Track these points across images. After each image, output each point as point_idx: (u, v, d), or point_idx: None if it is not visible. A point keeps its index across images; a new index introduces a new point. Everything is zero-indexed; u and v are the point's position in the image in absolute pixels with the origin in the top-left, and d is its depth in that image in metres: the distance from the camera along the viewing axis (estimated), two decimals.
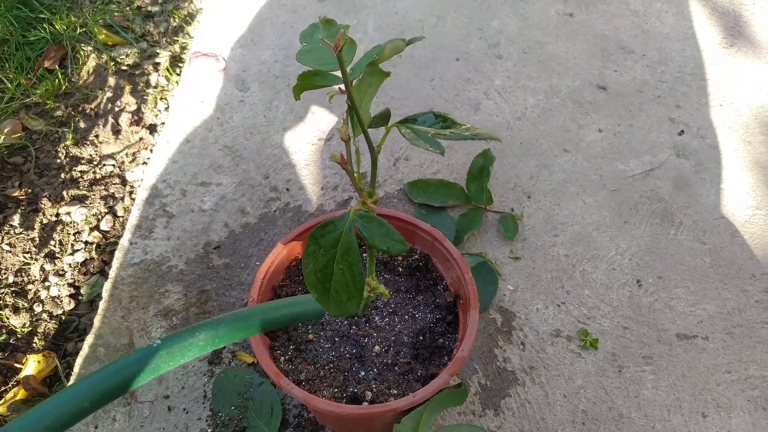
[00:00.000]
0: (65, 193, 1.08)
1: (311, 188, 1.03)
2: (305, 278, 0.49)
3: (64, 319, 0.95)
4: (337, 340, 0.72)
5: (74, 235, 1.03)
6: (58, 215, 1.05)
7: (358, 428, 0.76)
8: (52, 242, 1.02)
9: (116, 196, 1.08)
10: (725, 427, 0.79)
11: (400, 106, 1.15)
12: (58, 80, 1.22)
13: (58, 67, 1.25)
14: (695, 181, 1.05)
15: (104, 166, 1.12)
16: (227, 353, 0.85)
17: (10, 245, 1.01)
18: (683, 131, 1.13)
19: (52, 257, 1.00)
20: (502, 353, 0.85)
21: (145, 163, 1.13)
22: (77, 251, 1.01)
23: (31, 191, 1.08)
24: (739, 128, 1.13)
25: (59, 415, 0.43)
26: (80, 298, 0.97)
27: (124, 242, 0.96)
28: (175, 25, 1.37)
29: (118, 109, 1.20)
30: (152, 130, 1.18)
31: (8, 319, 0.94)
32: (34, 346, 0.92)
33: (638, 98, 1.18)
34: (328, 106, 1.15)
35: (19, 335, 0.93)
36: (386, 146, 1.08)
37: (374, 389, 0.67)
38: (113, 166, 1.13)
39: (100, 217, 1.05)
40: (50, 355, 0.90)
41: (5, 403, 0.85)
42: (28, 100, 1.21)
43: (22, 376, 0.87)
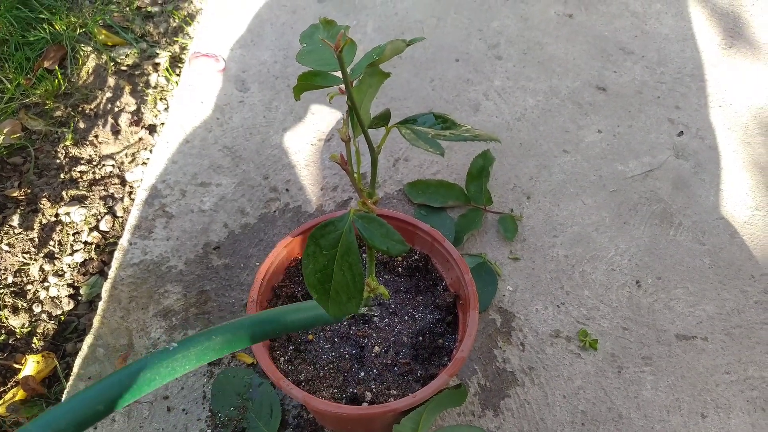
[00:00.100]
0: (65, 193, 1.08)
1: (311, 189, 1.03)
2: (305, 279, 0.49)
3: (63, 319, 0.95)
4: (336, 340, 0.72)
5: (73, 235, 1.03)
6: (57, 215, 1.05)
7: (357, 429, 0.76)
8: (51, 242, 1.02)
9: (116, 196, 1.08)
10: (724, 427, 0.79)
11: (399, 106, 1.15)
12: (57, 80, 1.22)
13: (57, 67, 1.25)
14: (694, 182, 1.05)
15: (104, 166, 1.12)
16: (226, 354, 0.84)
17: (9, 245, 1.01)
18: (682, 132, 1.13)
19: (51, 257, 1.00)
20: (501, 354, 0.85)
21: (144, 163, 1.13)
22: (76, 251, 1.01)
23: (30, 191, 1.08)
24: (738, 129, 1.13)
25: (74, 417, 0.44)
26: (79, 298, 0.97)
27: (123, 242, 0.96)
28: (174, 25, 1.37)
29: (117, 109, 1.20)
30: (152, 130, 1.18)
31: (7, 319, 0.94)
32: (33, 346, 0.92)
33: (638, 99, 1.18)
34: (327, 106, 1.15)
35: (18, 335, 0.93)
36: (386, 147, 1.08)
37: (374, 390, 0.67)
38: (113, 166, 1.13)
39: (99, 217, 1.05)
40: (49, 355, 0.90)
41: (4, 403, 0.85)
42: (27, 100, 1.20)
43: (21, 376, 0.87)
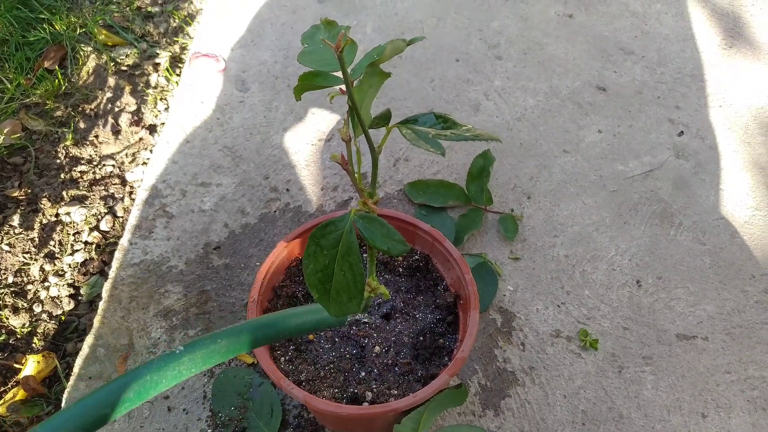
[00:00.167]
0: (65, 193, 1.08)
1: (311, 189, 1.04)
2: (306, 279, 0.49)
3: (63, 319, 0.95)
4: (337, 340, 0.72)
5: (74, 235, 1.03)
6: (57, 215, 1.05)
7: (358, 429, 0.76)
8: (51, 242, 1.02)
9: (116, 196, 1.08)
10: (725, 427, 0.79)
11: (399, 106, 1.15)
12: (57, 80, 1.22)
13: (57, 67, 1.25)
14: (695, 182, 1.05)
15: (104, 166, 1.12)
16: None
17: (9, 245, 1.01)
18: (683, 132, 1.13)
19: (51, 257, 1.00)
20: (502, 354, 0.85)
21: (144, 163, 1.13)
22: (77, 251, 1.01)
23: (30, 191, 1.08)
24: (738, 129, 1.13)
25: (83, 421, 0.44)
26: (80, 298, 0.97)
27: (123, 242, 0.96)
28: (175, 25, 1.37)
29: (117, 109, 1.20)
30: (152, 130, 1.18)
31: (8, 319, 0.94)
32: (33, 346, 0.92)
33: (638, 99, 1.18)
34: (327, 106, 1.15)
35: (18, 335, 0.93)
36: (386, 147, 1.08)
37: (374, 390, 0.67)
38: (113, 166, 1.13)
39: (99, 217, 1.05)
40: (50, 355, 0.90)
41: (5, 403, 0.85)
42: (27, 100, 1.20)
43: (21, 376, 0.87)
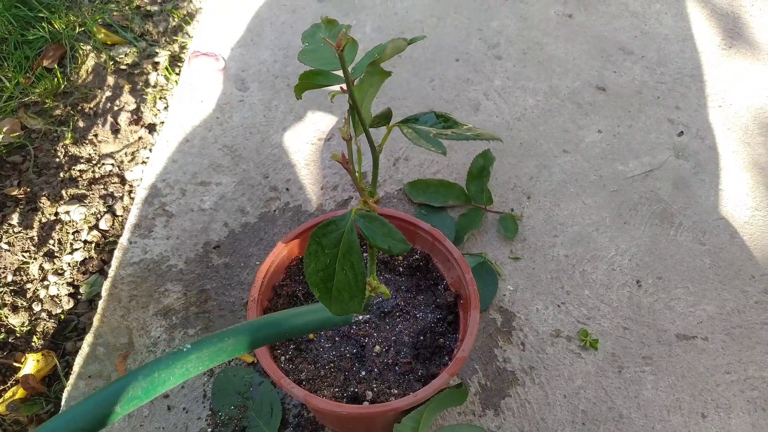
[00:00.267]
0: (64, 192, 1.07)
1: (311, 188, 1.03)
2: (307, 278, 0.49)
3: (63, 318, 0.94)
4: (337, 339, 0.72)
5: (73, 234, 1.03)
6: (57, 214, 1.05)
7: (358, 428, 0.76)
8: (51, 241, 1.02)
9: (115, 195, 1.08)
10: (725, 427, 0.79)
11: (399, 106, 1.15)
12: (57, 79, 1.22)
13: (57, 66, 1.25)
14: (695, 182, 1.05)
15: (103, 165, 1.12)
16: None
17: (8, 244, 1.01)
18: (682, 132, 1.13)
19: (51, 256, 1.00)
20: (502, 353, 0.85)
21: (144, 162, 1.13)
22: (76, 250, 1.01)
23: (30, 190, 1.08)
24: (738, 129, 1.13)
25: (91, 418, 0.45)
26: (79, 297, 0.97)
27: (123, 241, 0.96)
28: (174, 24, 1.37)
29: (117, 108, 1.20)
30: (151, 129, 1.18)
31: (7, 318, 0.93)
32: (33, 345, 0.92)
33: (637, 99, 1.18)
34: (327, 106, 1.15)
35: (18, 334, 0.92)
36: (386, 146, 1.08)
37: (375, 389, 0.67)
38: (112, 165, 1.12)
39: (99, 216, 1.05)
40: (49, 354, 0.89)
41: (4, 402, 0.85)
42: (26, 99, 1.20)
43: (21, 375, 0.87)
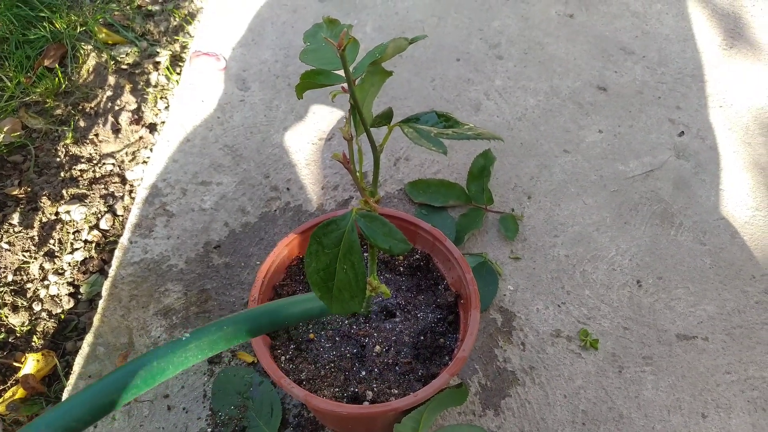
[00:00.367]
0: (65, 191, 1.07)
1: (312, 188, 1.03)
2: (308, 277, 0.49)
3: (63, 317, 0.94)
4: (337, 339, 0.72)
5: (74, 233, 1.03)
6: (57, 214, 1.05)
7: (358, 428, 0.76)
8: (51, 241, 1.02)
9: (116, 194, 1.08)
10: (725, 427, 0.79)
11: (400, 106, 1.15)
12: (57, 79, 1.22)
13: (58, 65, 1.25)
14: (695, 182, 1.05)
15: (104, 164, 1.12)
16: (227, 352, 0.84)
17: (9, 244, 1.01)
18: (683, 132, 1.13)
19: (51, 256, 1.00)
20: (502, 353, 0.85)
21: (145, 162, 1.13)
22: (77, 250, 1.01)
23: (30, 190, 1.08)
24: (738, 130, 1.13)
25: (91, 407, 0.45)
26: (79, 296, 0.97)
27: (123, 241, 0.96)
28: (175, 24, 1.37)
29: (118, 108, 1.20)
30: (152, 129, 1.18)
31: (7, 317, 0.93)
32: (33, 344, 0.92)
33: (638, 99, 1.18)
34: (328, 105, 1.15)
35: (18, 334, 0.92)
36: (387, 146, 1.08)
37: (375, 389, 0.67)
38: (113, 164, 1.12)
39: (99, 215, 1.05)
40: (49, 354, 0.89)
41: (4, 402, 0.85)
42: (27, 98, 1.20)
43: (21, 374, 0.87)
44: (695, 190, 1.04)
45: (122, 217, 1.05)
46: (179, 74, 1.24)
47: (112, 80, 1.23)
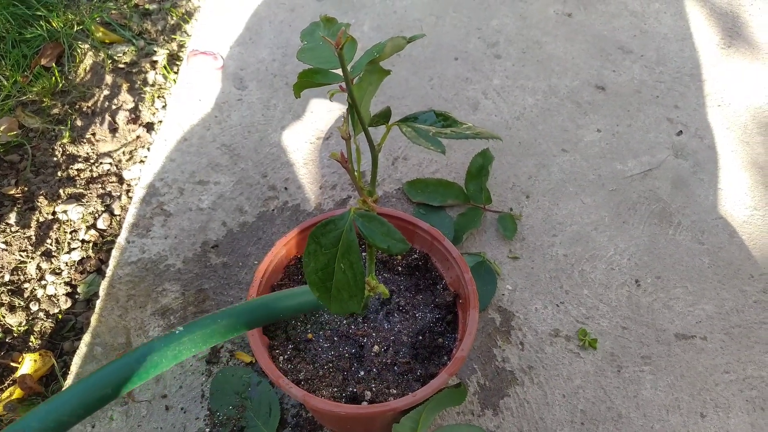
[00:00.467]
0: (62, 191, 1.07)
1: (309, 187, 1.03)
2: (306, 277, 0.49)
3: (60, 317, 0.94)
4: (336, 339, 0.72)
5: (71, 233, 1.03)
6: (54, 213, 1.04)
7: (357, 428, 0.76)
8: (48, 240, 1.01)
9: (113, 194, 1.08)
10: (724, 427, 0.79)
11: (398, 105, 1.15)
12: (54, 78, 1.21)
13: (54, 64, 1.25)
14: (693, 181, 1.05)
15: (101, 164, 1.12)
16: (225, 352, 0.84)
17: (6, 243, 1.00)
18: (681, 132, 1.13)
19: (48, 256, 1.00)
20: (500, 353, 0.85)
21: (142, 161, 1.13)
22: (74, 249, 1.01)
23: (27, 189, 1.08)
24: (737, 129, 1.13)
25: (83, 400, 0.44)
26: (77, 296, 0.96)
27: (121, 241, 0.96)
28: (172, 23, 1.36)
29: (115, 107, 1.19)
30: (149, 128, 1.18)
31: (4, 317, 0.93)
32: (30, 344, 0.91)
33: (637, 98, 1.18)
34: (326, 104, 1.15)
35: (15, 334, 0.92)
36: (385, 145, 1.08)
37: (373, 389, 0.66)
38: (110, 164, 1.12)
39: (96, 215, 1.05)
40: (47, 354, 0.89)
41: (1, 402, 0.84)
42: (24, 97, 1.20)
43: (18, 375, 0.87)
44: (693, 189, 1.04)
45: (119, 216, 1.05)
46: (176, 73, 1.24)
47: (109, 79, 1.23)
